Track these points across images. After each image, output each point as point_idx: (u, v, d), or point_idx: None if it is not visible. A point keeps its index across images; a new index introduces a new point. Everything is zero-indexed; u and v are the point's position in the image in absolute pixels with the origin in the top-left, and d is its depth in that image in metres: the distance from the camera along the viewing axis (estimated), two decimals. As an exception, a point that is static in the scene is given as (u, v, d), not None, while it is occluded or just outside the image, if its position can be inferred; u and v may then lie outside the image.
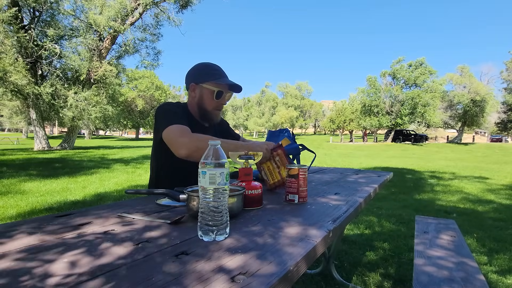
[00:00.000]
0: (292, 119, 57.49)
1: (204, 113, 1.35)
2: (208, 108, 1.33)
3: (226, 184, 0.64)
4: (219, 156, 0.64)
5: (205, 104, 1.33)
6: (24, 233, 0.67)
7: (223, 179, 0.63)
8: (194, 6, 15.56)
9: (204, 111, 1.34)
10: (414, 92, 30.91)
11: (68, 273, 0.48)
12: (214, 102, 1.32)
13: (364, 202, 1.13)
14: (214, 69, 1.33)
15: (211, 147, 0.65)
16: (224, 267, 0.50)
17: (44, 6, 13.12)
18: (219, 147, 0.66)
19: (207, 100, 1.32)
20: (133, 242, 0.62)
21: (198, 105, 1.34)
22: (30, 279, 0.45)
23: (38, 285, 0.44)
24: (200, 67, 1.34)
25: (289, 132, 1.52)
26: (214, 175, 0.62)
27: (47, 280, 0.45)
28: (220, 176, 0.63)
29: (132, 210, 0.88)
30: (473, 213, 4.03)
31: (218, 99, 1.32)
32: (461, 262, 1.44)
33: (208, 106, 1.33)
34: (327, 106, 75.14)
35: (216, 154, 0.64)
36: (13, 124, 33.41)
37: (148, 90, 42.44)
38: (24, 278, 0.46)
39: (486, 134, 44.92)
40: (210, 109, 1.33)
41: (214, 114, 1.36)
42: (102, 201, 4.34)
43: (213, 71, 1.32)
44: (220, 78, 1.31)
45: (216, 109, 1.35)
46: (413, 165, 11.15)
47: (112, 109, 16.79)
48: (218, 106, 1.34)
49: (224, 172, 0.64)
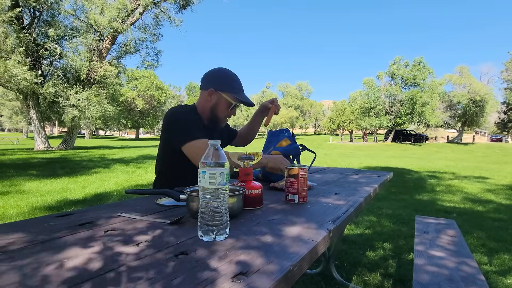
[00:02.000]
0: (292, 119, 57.49)
1: (215, 119, 1.40)
2: (220, 116, 1.40)
3: (226, 184, 0.64)
4: (219, 156, 0.64)
5: (218, 111, 1.38)
6: (24, 233, 0.67)
7: (223, 179, 0.63)
8: (194, 6, 15.58)
9: (215, 117, 1.39)
10: (413, 91, 30.95)
11: (68, 273, 0.47)
12: (227, 112, 1.39)
13: (364, 202, 1.13)
14: (235, 81, 1.38)
15: (211, 147, 0.65)
16: (224, 267, 0.50)
17: (45, 6, 13.13)
18: (219, 147, 0.66)
19: (221, 109, 1.38)
20: (133, 242, 0.62)
21: (212, 110, 1.38)
22: (30, 279, 0.45)
23: (38, 285, 0.44)
24: (222, 75, 1.37)
25: (289, 132, 1.53)
26: (214, 175, 0.62)
27: (47, 280, 0.45)
28: (220, 176, 0.63)
29: (132, 210, 0.88)
30: (473, 213, 4.03)
31: (231, 110, 1.40)
32: (461, 262, 1.44)
33: (221, 114, 1.39)
34: (327, 106, 75.17)
35: (216, 154, 0.64)
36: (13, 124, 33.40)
37: (148, 90, 42.44)
38: (24, 278, 0.46)
39: (486, 134, 44.92)
40: (222, 117, 1.40)
41: (223, 121, 1.44)
42: (102, 201, 4.34)
43: (234, 84, 1.37)
44: (239, 93, 1.37)
45: (226, 118, 1.43)
46: (413, 165, 11.14)
47: (112, 109, 16.80)
48: (228, 115, 1.42)
49: (224, 172, 0.64)
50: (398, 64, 32.75)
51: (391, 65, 33.12)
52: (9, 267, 0.49)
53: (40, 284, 0.44)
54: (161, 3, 15.11)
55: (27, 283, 0.44)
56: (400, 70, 32.30)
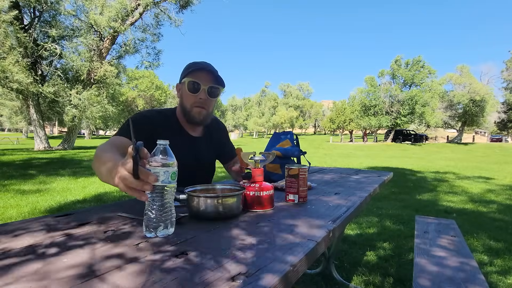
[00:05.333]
0: (292, 119, 57.52)
1: (187, 115, 1.23)
2: (187, 106, 1.21)
3: (171, 182, 0.65)
4: (165, 155, 0.65)
5: (184, 103, 1.22)
6: (24, 233, 0.67)
7: (167, 177, 0.64)
8: (194, 6, 15.58)
9: (186, 112, 1.22)
10: (413, 91, 30.94)
11: (68, 273, 0.47)
12: (192, 97, 1.19)
13: (364, 202, 1.13)
14: (194, 63, 1.22)
15: (159, 147, 0.66)
16: (224, 267, 0.50)
17: (45, 6, 13.13)
18: (167, 147, 0.66)
19: (186, 97, 1.21)
20: (133, 242, 0.62)
21: (181, 107, 1.24)
22: (30, 279, 0.45)
23: (38, 285, 0.44)
24: (184, 67, 1.24)
25: (292, 135, 1.54)
26: (158, 174, 0.63)
27: (47, 280, 0.45)
28: (164, 175, 0.64)
29: (132, 210, 0.88)
30: (473, 213, 4.03)
31: (195, 92, 1.18)
32: (461, 262, 1.44)
33: (187, 103, 1.21)
34: (327, 106, 75.20)
35: (163, 153, 0.65)
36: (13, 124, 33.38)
37: (148, 90, 42.49)
38: (24, 277, 0.46)
39: (486, 134, 44.88)
40: (189, 106, 1.21)
41: (194, 112, 1.21)
42: (102, 201, 4.34)
43: (191, 66, 1.20)
44: (195, 71, 1.18)
45: (195, 106, 1.20)
46: (413, 165, 11.15)
47: (112, 109, 16.80)
48: (196, 101, 1.19)
49: (169, 171, 0.64)
50: (398, 63, 32.75)
51: (392, 64, 33.12)
52: (9, 268, 0.49)
53: (39, 284, 0.44)
54: (161, 3, 15.11)
55: (27, 283, 0.44)
56: (400, 69, 32.31)
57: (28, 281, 0.45)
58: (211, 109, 1.27)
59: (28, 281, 0.45)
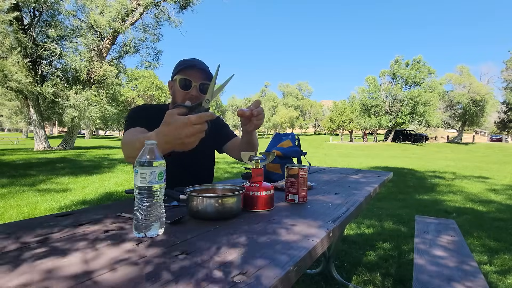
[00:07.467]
0: (292, 119, 57.50)
1: None
2: (179, 102, 1.19)
3: (159, 183, 0.65)
4: (152, 155, 0.65)
5: (176, 100, 1.22)
6: (24, 233, 0.67)
7: (154, 177, 0.64)
8: (194, 6, 15.57)
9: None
10: (414, 91, 30.95)
11: (67, 273, 0.47)
12: (183, 94, 1.19)
13: (364, 202, 1.13)
14: (184, 60, 1.23)
15: (147, 147, 0.66)
16: (224, 267, 0.50)
17: (44, 6, 13.12)
18: (154, 147, 0.66)
19: (177, 94, 1.21)
20: (133, 242, 0.62)
21: (173, 101, 1.27)
22: (29, 279, 0.45)
23: (38, 286, 0.44)
24: (176, 63, 1.25)
25: (294, 136, 1.55)
26: (144, 174, 0.63)
27: (46, 280, 0.45)
28: (151, 175, 0.64)
29: (132, 210, 0.88)
30: (473, 213, 4.03)
31: (186, 89, 1.19)
32: (461, 262, 1.44)
33: (179, 100, 1.20)
34: (327, 106, 75.20)
35: (150, 153, 0.65)
36: (13, 124, 33.32)
37: (148, 90, 42.48)
38: (24, 278, 0.46)
39: (486, 134, 44.90)
40: (181, 102, 1.18)
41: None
42: (102, 201, 4.34)
43: (182, 63, 1.22)
44: (187, 67, 1.19)
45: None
46: (413, 165, 11.14)
47: (112, 109, 16.79)
48: (188, 98, 1.18)
49: (156, 171, 0.64)
50: (398, 63, 32.77)
51: (392, 64, 33.14)
52: (9, 268, 0.49)
53: (39, 284, 0.44)
54: (161, 3, 15.11)
55: (27, 283, 0.44)
56: (400, 69, 32.32)
57: (28, 281, 0.45)
58: None
59: (28, 281, 0.45)
